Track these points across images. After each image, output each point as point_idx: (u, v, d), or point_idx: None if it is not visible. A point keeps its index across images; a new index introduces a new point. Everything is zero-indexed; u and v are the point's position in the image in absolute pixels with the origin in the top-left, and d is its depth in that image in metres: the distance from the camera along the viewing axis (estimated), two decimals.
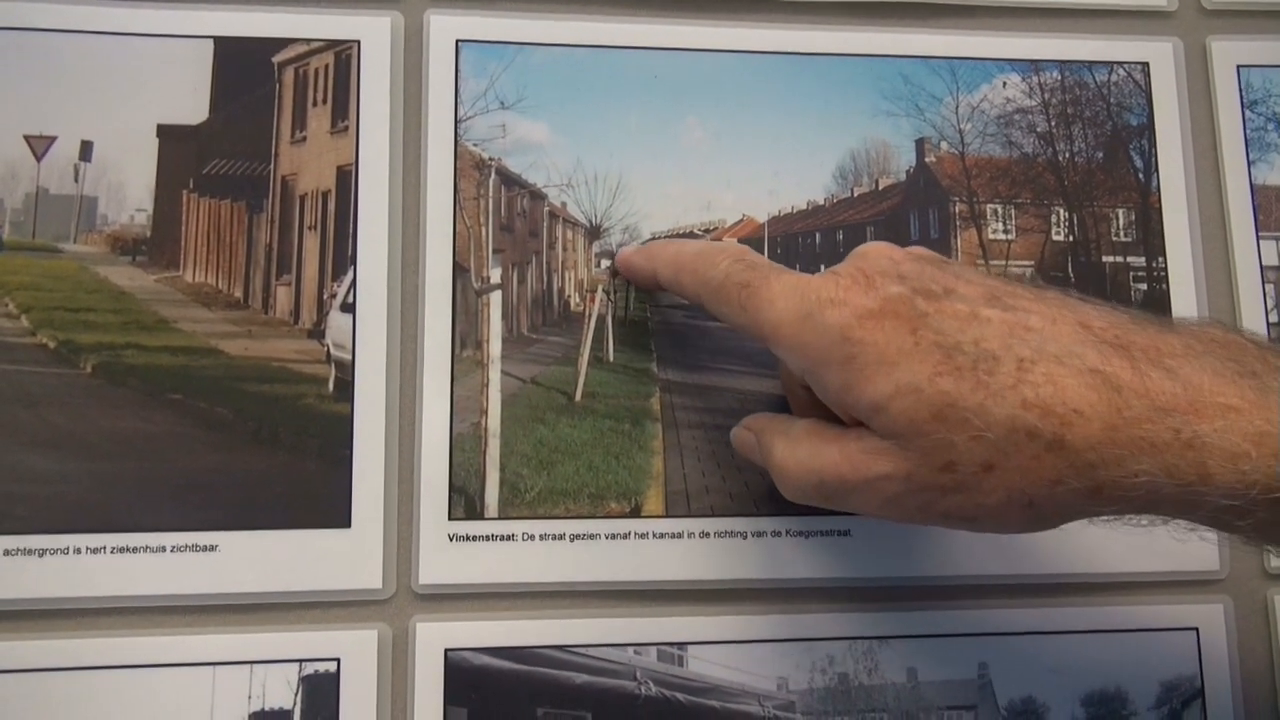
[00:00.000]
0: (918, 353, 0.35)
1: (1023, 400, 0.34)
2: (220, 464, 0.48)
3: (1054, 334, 0.35)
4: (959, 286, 0.37)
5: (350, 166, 0.51)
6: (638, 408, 0.51)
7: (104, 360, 0.49)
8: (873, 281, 0.38)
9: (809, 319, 0.38)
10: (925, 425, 0.35)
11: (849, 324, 0.37)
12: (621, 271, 0.50)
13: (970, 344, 0.35)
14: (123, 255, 0.50)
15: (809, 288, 0.38)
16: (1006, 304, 0.36)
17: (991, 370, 0.34)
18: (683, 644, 0.49)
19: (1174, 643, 0.51)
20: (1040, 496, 0.35)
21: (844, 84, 0.54)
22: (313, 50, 0.52)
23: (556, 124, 0.53)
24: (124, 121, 0.50)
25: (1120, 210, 0.55)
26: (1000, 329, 0.35)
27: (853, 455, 0.38)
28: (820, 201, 0.54)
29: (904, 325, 0.36)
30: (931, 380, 0.35)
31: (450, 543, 0.48)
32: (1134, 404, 0.33)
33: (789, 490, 0.41)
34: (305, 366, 0.49)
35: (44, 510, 0.46)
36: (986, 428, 0.34)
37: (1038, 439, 0.34)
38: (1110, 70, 0.56)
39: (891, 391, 0.36)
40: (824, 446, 0.39)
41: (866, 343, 0.36)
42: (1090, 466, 0.33)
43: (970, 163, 0.55)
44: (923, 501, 0.37)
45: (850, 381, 0.37)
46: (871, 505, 0.38)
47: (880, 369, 0.36)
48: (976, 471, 0.35)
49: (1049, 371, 0.34)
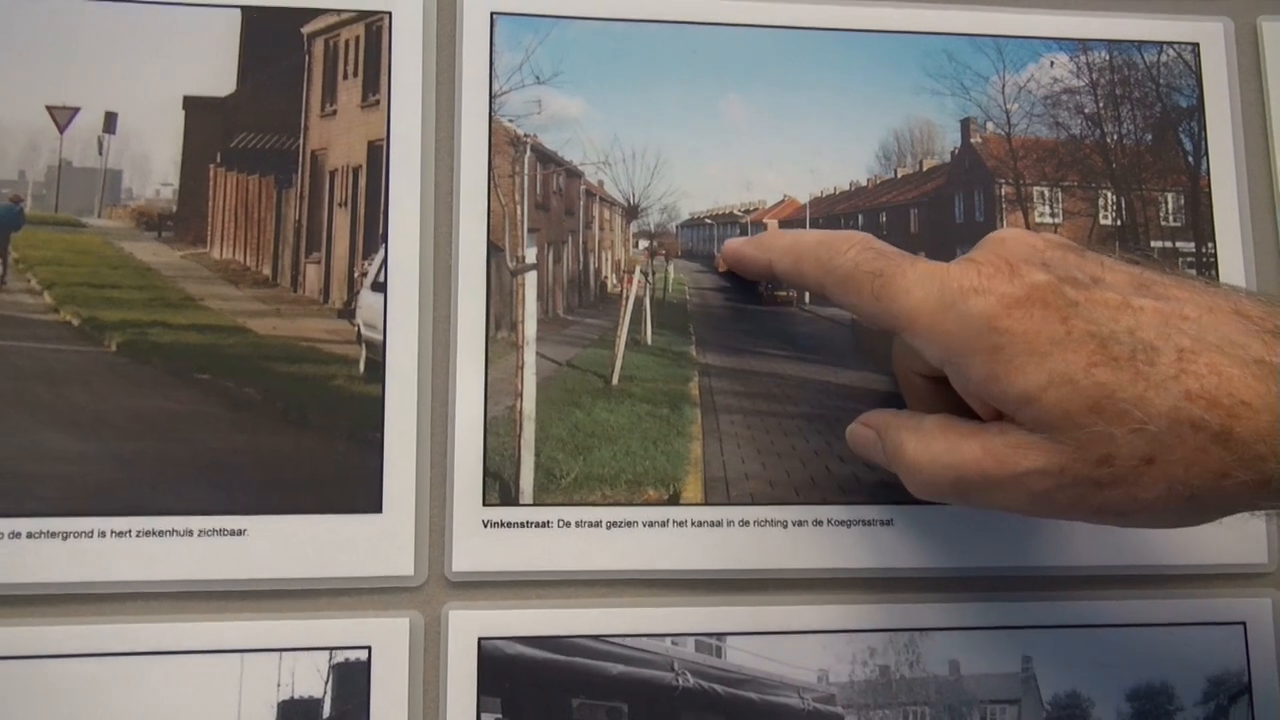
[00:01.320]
0: (1070, 342, 0.35)
1: (1186, 391, 0.33)
2: (247, 445, 0.47)
3: (1212, 323, 0.34)
4: (1106, 275, 0.37)
5: (381, 141, 0.49)
6: (676, 392, 0.50)
7: (128, 338, 0.47)
8: (1017, 269, 0.36)
9: (950, 308, 0.37)
10: (1081, 417, 0.34)
11: (995, 312, 0.36)
12: (729, 264, 0.49)
13: (1125, 333, 0.34)
14: (148, 230, 0.49)
15: (948, 276, 0.37)
16: (1157, 293, 0.36)
17: (1151, 360, 0.34)
18: (721, 634, 0.48)
19: (1221, 637, 0.50)
20: (1203, 490, 0.34)
21: (887, 61, 0.53)
22: (343, 21, 0.50)
23: (593, 100, 0.51)
24: (149, 93, 0.49)
25: (1169, 194, 0.54)
26: (1155, 318, 0.35)
27: (997, 450, 0.37)
28: (863, 182, 0.53)
29: (1054, 314, 0.35)
30: (1087, 371, 0.34)
31: (484, 529, 0.47)
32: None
33: (921, 488, 0.40)
34: (335, 346, 0.48)
35: (67, 491, 0.45)
36: (1148, 419, 0.33)
37: (1203, 431, 0.33)
38: (1160, 50, 0.55)
39: (1044, 382, 0.35)
40: (962, 441, 0.38)
41: (1015, 332, 0.35)
42: (1259, 459, 0.32)
43: (1016, 144, 0.54)
44: (1075, 496, 0.36)
45: (997, 372, 0.36)
46: (1017, 502, 0.37)
47: (1031, 359, 0.35)
48: (1136, 465, 0.34)
49: (1212, 362, 0.33)
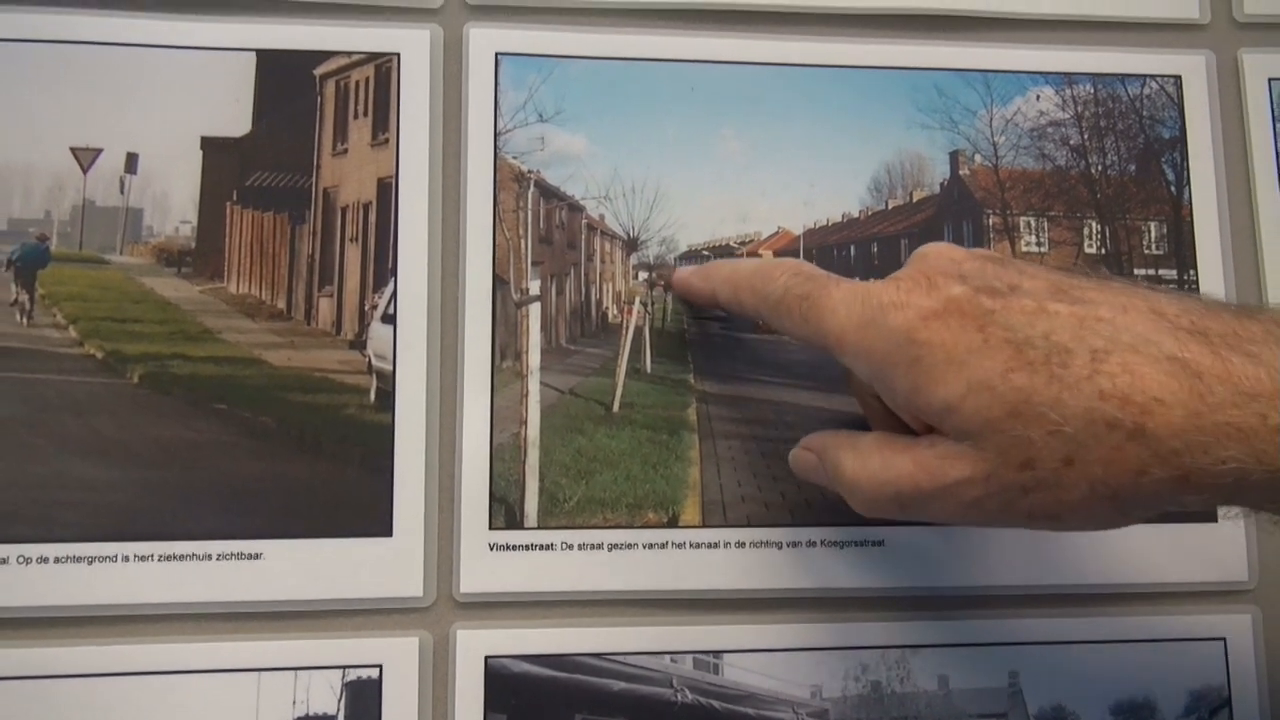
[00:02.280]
0: (987, 350, 0.35)
1: (1099, 391, 0.33)
2: (264, 472, 0.49)
3: (1126, 323, 0.35)
4: (1023, 282, 0.37)
5: (391, 178, 0.51)
6: (675, 418, 0.52)
7: (150, 370, 0.49)
8: (934, 282, 0.37)
9: (871, 324, 0.38)
10: (1000, 423, 0.35)
11: (913, 325, 0.37)
12: (678, 293, 0.50)
13: (1040, 338, 0.35)
14: (168, 266, 0.51)
15: (869, 293, 0.38)
16: (1074, 296, 0.36)
17: (1065, 363, 0.34)
18: (718, 652, 0.50)
19: (1202, 652, 0.51)
20: (1124, 488, 0.34)
21: (878, 96, 0.55)
22: (354, 63, 0.52)
23: (595, 136, 0.53)
24: (168, 134, 0.51)
25: (1152, 223, 0.55)
26: (1070, 321, 0.35)
27: (927, 462, 0.37)
28: (855, 213, 0.54)
29: (970, 323, 0.36)
30: (1004, 376, 0.35)
31: (490, 551, 0.49)
32: (1217, 390, 0.32)
33: (862, 505, 0.41)
34: (347, 377, 0.50)
35: (92, 517, 0.47)
36: (1064, 421, 0.34)
37: (1118, 429, 0.33)
38: (1143, 83, 0.56)
39: (963, 390, 0.35)
40: (895, 457, 0.39)
41: (933, 343, 0.36)
42: (1175, 454, 0.33)
43: (1004, 175, 0.56)
44: (1003, 502, 0.36)
45: (919, 383, 0.37)
46: (951, 512, 0.38)
47: (949, 368, 0.36)
48: (1056, 467, 0.34)
49: (1125, 361, 0.34)
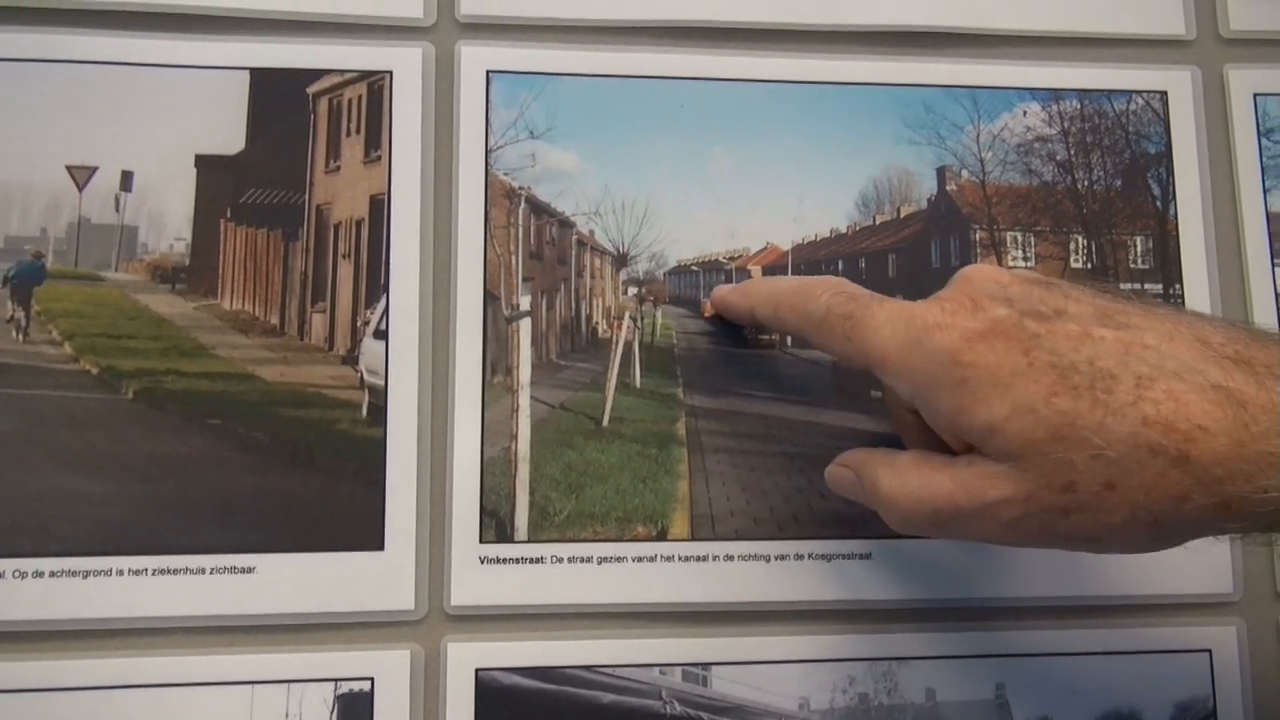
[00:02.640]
0: (1031, 373, 0.36)
1: (1143, 417, 0.34)
2: (257, 487, 0.49)
3: (1171, 351, 0.35)
4: (1069, 306, 0.37)
5: (383, 195, 0.52)
6: (664, 432, 0.52)
7: (145, 385, 0.50)
8: (979, 304, 0.38)
9: (916, 345, 0.38)
10: (1043, 445, 0.35)
11: (958, 347, 0.37)
12: (717, 309, 0.51)
13: (1085, 363, 0.35)
14: (162, 283, 0.52)
15: (914, 314, 0.39)
16: (1119, 322, 0.36)
17: (1109, 388, 0.34)
18: (707, 664, 0.50)
19: (1188, 664, 0.52)
20: (1165, 514, 0.34)
21: (867, 113, 0.55)
22: (346, 81, 0.53)
23: (585, 152, 0.54)
24: (163, 152, 0.52)
25: (1138, 237, 0.56)
26: (1115, 347, 0.35)
27: (966, 481, 0.38)
28: (843, 229, 0.55)
29: (1015, 346, 0.36)
30: (1048, 400, 0.35)
31: (481, 565, 0.49)
32: (1260, 419, 0.33)
33: (898, 522, 0.41)
34: (340, 392, 0.51)
35: (87, 532, 0.48)
36: (1107, 445, 0.34)
37: (1161, 455, 0.34)
38: (1129, 99, 0.57)
39: (1007, 413, 0.36)
40: (934, 475, 0.39)
41: (978, 365, 0.36)
42: (1217, 482, 0.33)
43: (991, 190, 0.56)
44: (1043, 523, 0.37)
45: (963, 404, 0.37)
46: (990, 531, 0.38)
47: (994, 390, 0.36)
48: (1098, 491, 0.35)
49: (1169, 388, 0.34)
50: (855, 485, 0.44)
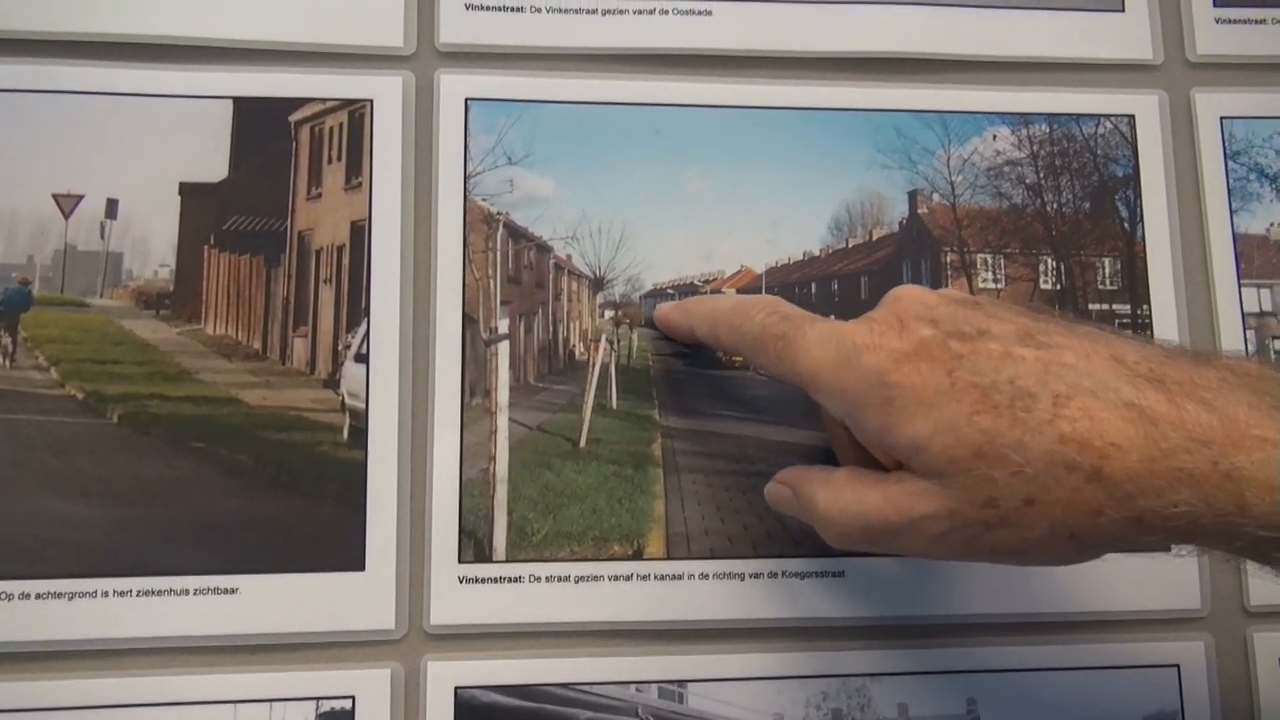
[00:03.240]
0: (954, 393, 0.37)
1: (1060, 435, 0.35)
2: (240, 509, 0.50)
3: (1088, 369, 0.36)
4: (992, 326, 0.38)
5: (364, 221, 0.53)
6: (640, 453, 0.53)
7: (129, 410, 0.51)
8: (906, 325, 0.39)
9: (845, 364, 0.39)
10: (965, 462, 0.36)
11: (885, 367, 0.38)
12: (660, 328, 0.52)
13: (1006, 382, 0.36)
14: (147, 309, 0.53)
15: (843, 334, 0.40)
16: (1040, 341, 0.37)
17: (1028, 407, 0.35)
18: (683, 681, 0.51)
19: (1156, 679, 0.53)
20: (1082, 528, 0.36)
21: (839, 137, 0.56)
22: (328, 109, 0.54)
23: (562, 178, 0.55)
24: (148, 180, 0.53)
25: (1106, 259, 0.57)
26: (1035, 366, 0.36)
27: (896, 497, 0.39)
28: (816, 252, 0.56)
29: (939, 367, 0.37)
30: (969, 419, 0.36)
31: (460, 584, 0.50)
32: (1171, 436, 0.34)
33: (834, 537, 0.42)
34: (321, 415, 0.52)
35: (72, 554, 0.49)
36: (1026, 463, 0.35)
37: (1076, 471, 0.35)
38: (1097, 123, 0.58)
39: (930, 431, 0.37)
40: (866, 491, 0.40)
41: (904, 385, 0.38)
42: (1129, 497, 0.34)
43: (961, 213, 0.57)
44: (967, 538, 0.38)
45: (890, 423, 0.38)
46: (918, 545, 0.39)
47: (918, 409, 0.37)
48: (1018, 506, 0.36)
49: (1085, 406, 0.35)
50: (792, 501, 0.45)
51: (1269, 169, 0.58)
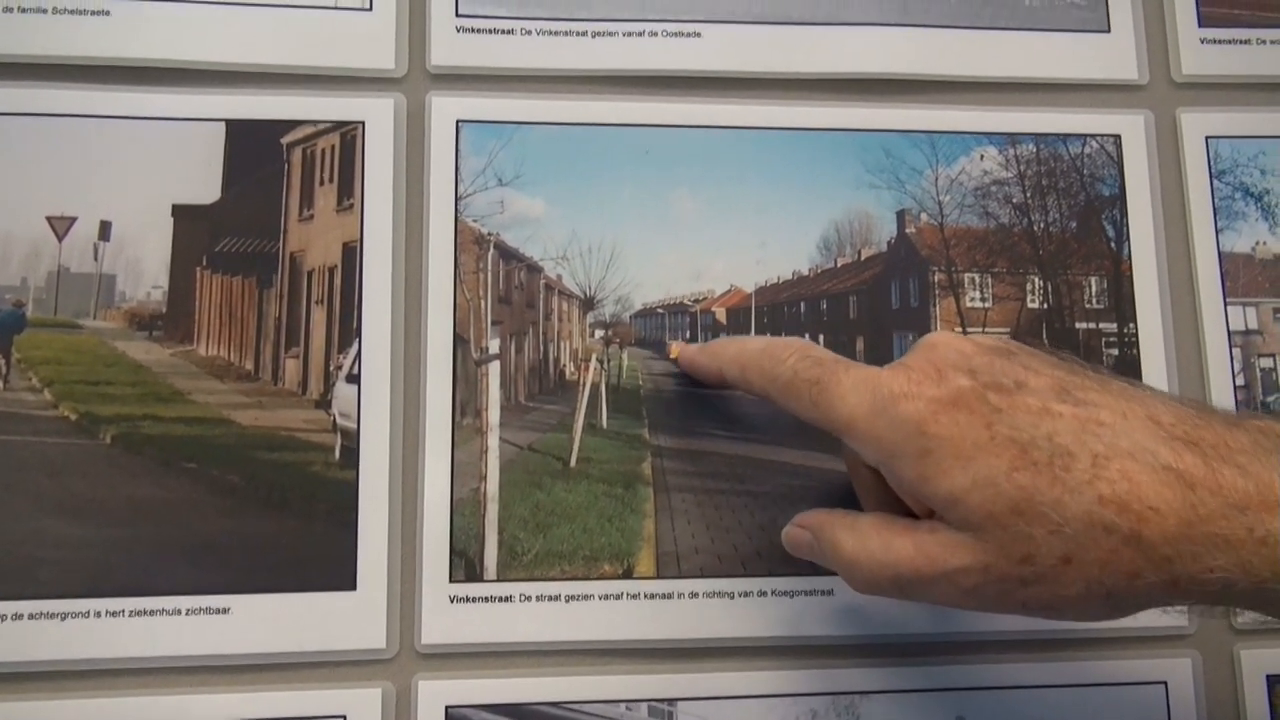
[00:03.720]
0: (993, 447, 0.36)
1: (1099, 496, 0.35)
2: (232, 529, 0.50)
3: (1125, 429, 0.36)
4: (1029, 379, 0.38)
5: (355, 243, 0.53)
6: (630, 472, 0.53)
7: (122, 431, 0.51)
8: (944, 375, 0.39)
9: (883, 412, 0.39)
10: (1003, 518, 0.36)
11: (923, 417, 0.38)
12: (685, 369, 0.52)
13: (1044, 439, 0.36)
14: (140, 330, 0.53)
15: (880, 382, 0.40)
16: (1076, 398, 0.37)
17: (1067, 466, 0.35)
18: (673, 700, 0.51)
19: (1144, 697, 0.53)
20: (1118, 588, 0.36)
21: (828, 157, 0.57)
22: (319, 131, 0.54)
23: (553, 199, 0.55)
24: (141, 202, 0.53)
25: (1093, 278, 0.57)
26: (1073, 424, 0.36)
27: (928, 548, 0.39)
28: (805, 271, 0.56)
29: (978, 419, 0.37)
30: (1009, 475, 0.36)
31: (451, 604, 0.51)
32: (1208, 501, 0.34)
33: (861, 585, 0.42)
34: (313, 435, 0.52)
35: (65, 574, 0.49)
36: (1064, 522, 0.35)
37: (1115, 533, 0.35)
38: (1084, 142, 0.58)
39: (968, 485, 0.37)
40: (895, 539, 0.40)
41: (941, 436, 0.37)
42: (1167, 561, 0.34)
43: (949, 233, 0.58)
44: (1001, 592, 0.38)
45: (926, 474, 0.38)
46: (950, 596, 0.39)
47: (956, 462, 0.37)
48: (1055, 564, 0.36)
49: (1124, 468, 0.35)
50: (814, 546, 0.45)
51: (1254, 188, 0.59)
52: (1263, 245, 0.59)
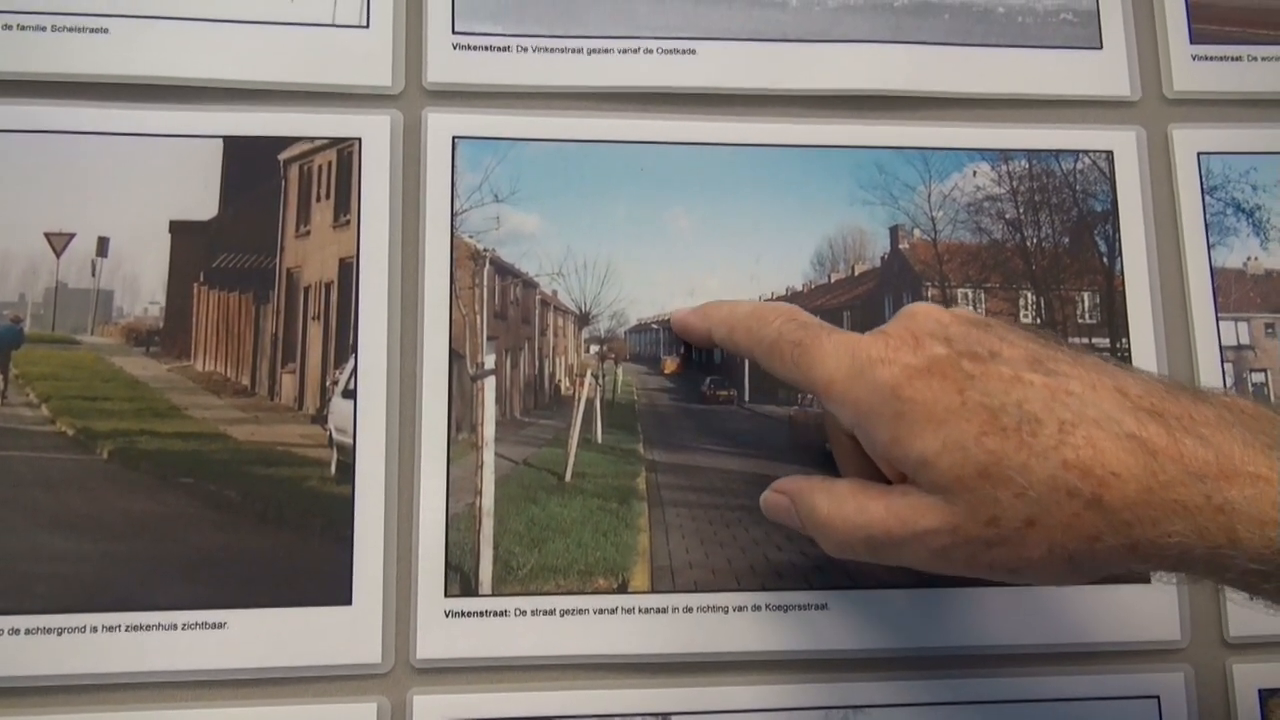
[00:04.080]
0: (964, 412, 0.38)
1: (1063, 461, 0.36)
2: (228, 544, 0.51)
3: (1094, 399, 0.37)
4: (1003, 349, 0.40)
5: (352, 258, 0.54)
6: (625, 487, 0.54)
7: (119, 446, 0.51)
8: (920, 342, 0.40)
9: (860, 375, 0.40)
10: (971, 481, 0.37)
11: (898, 381, 0.39)
12: (676, 331, 0.52)
13: (1014, 406, 0.37)
14: (137, 346, 0.53)
15: (859, 346, 0.41)
16: (1048, 368, 0.39)
17: (1035, 432, 0.37)
18: (668, 714, 0.51)
19: (1137, 710, 0.53)
20: (1079, 552, 0.37)
21: (821, 173, 0.57)
22: (317, 148, 0.55)
23: (548, 215, 0.56)
24: (138, 218, 0.53)
25: (1085, 293, 0.58)
26: (1043, 392, 0.37)
27: (899, 509, 0.40)
28: (799, 287, 0.57)
29: (951, 385, 0.38)
30: (978, 439, 0.37)
31: (446, 619, 0.51)
32: (1168, 468, 0.35)
33: (834, 546, 0.43)
34: (309, 450, 0.52)
35: (62, 589, 0.49)
36: (1029, 485, 0.36)
37: (1077, 497, 0.36)
38: (1076, 158, 0.59)
39: (939, 448, 0.38)
40: (869, 502, 0.41)
41: (915, 400, 0.39)
42: (1126, 525, 0.35)
43: (942, 248, 0.58)
44: (968, 553, 0.39)
45: (899, 436, 0.39)
46: (919, 558, 0.40)
47: (928, 425, 0.38)
48: (1019, 526, 0.37)
49: (1089, 435, 0.36)
50: (790, 510, 0.46)
51: (1245, 204, 0.59)
52: (1254, 261, 0.59)
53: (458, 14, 0.57)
